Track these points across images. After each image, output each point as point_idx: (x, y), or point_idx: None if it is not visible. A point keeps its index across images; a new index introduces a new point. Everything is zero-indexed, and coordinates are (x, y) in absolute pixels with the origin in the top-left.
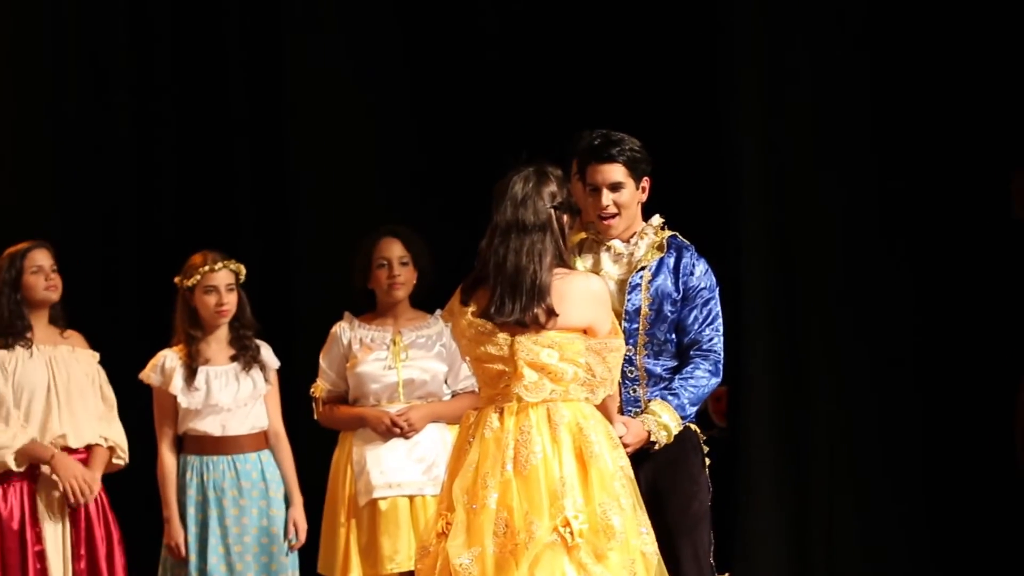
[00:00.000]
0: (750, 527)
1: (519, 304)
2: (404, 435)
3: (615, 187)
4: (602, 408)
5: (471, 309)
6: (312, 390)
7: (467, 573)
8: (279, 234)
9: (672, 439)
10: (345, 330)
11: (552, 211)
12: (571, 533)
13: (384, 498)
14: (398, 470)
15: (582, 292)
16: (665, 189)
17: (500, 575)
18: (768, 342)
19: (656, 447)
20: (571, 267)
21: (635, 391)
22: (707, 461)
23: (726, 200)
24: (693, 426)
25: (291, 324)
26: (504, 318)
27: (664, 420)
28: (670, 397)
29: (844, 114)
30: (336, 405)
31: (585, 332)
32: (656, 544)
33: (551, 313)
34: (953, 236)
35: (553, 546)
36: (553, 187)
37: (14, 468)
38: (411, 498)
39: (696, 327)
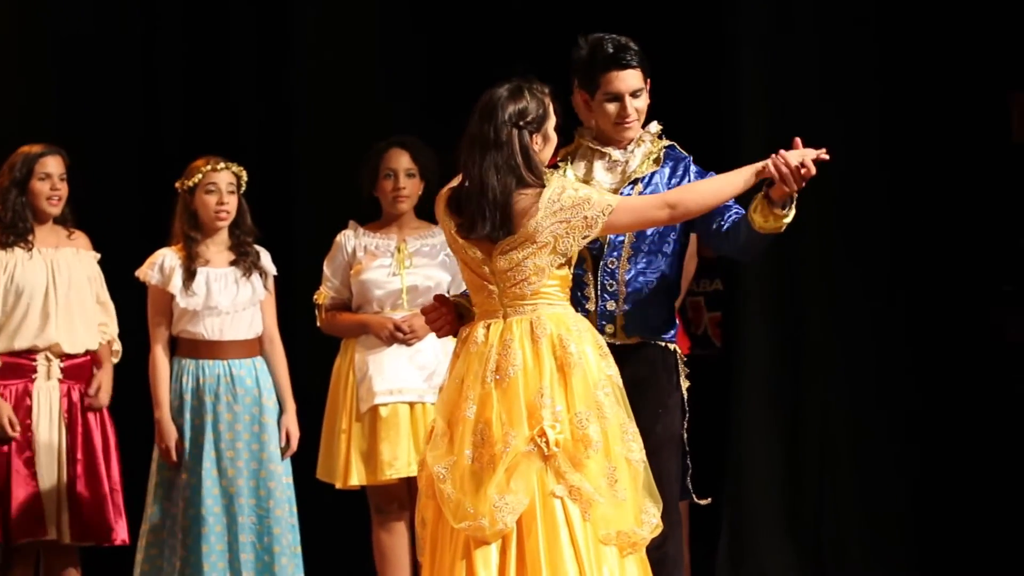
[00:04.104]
0: (744, 448)
1: (487, 224)
2: (406, 342)
3: (636, 93)
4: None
5: (455, 222)
6: (315, 297)
7: (442, 482)
8: (280, 143)
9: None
10: (350, 238)
11: (514, 130)
12: (547, 443)
13: (385, 404)
14: (399, 377)
15: (548, 206)
16: (665, 101)
17: (475, 484)
18: (763, 264)
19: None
20: (540, 184)
21: (612, 306)
22: (685, 383)
23: (724, 112)
24: (672, 346)
25: (290, 232)
26: (475, 234)
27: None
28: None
29: (847, 36)
30: (339, 312)
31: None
32: (644, 452)
33: (510, 232)
34: (952, 158)
35: (529, 455)
36: (522, 105)
37: None
38: (412, 405)
39: (723, 218)
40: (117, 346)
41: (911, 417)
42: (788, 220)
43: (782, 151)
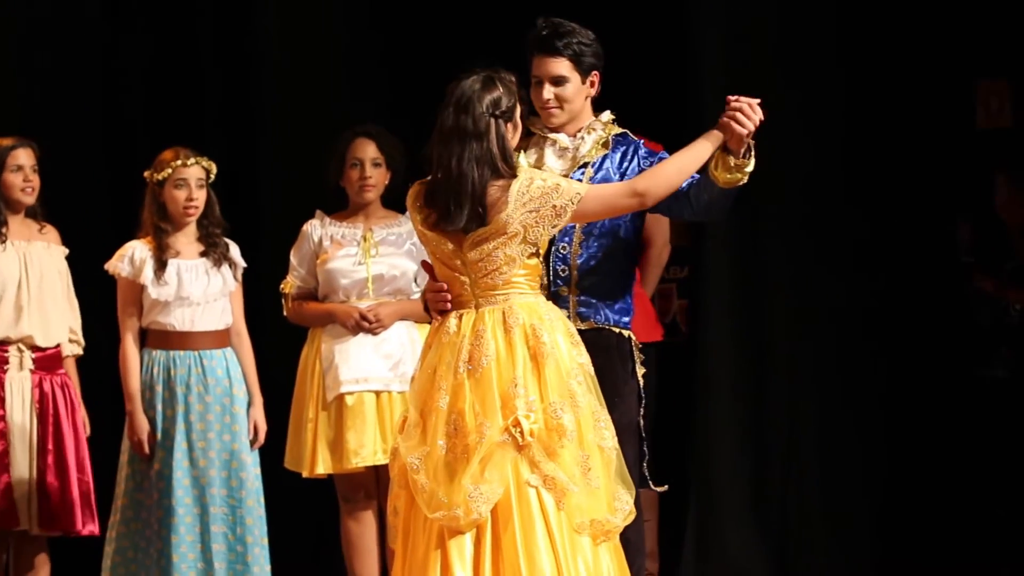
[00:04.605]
0: (709, 433)
1: (463, 214)
2: (372, 331)
3: (558, 81)
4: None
5: (421, 218)
6: (282, 287)
7: (415, 472)
8: (246, 134)
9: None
10: (316, 227)
11: (492, 120)
12: (521, 433)
13: (351, 393)
14: (365, 365)
15: (518, 198)
16: (624, 87)
17: (448, 475)
18: (728, 250)
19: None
20: (512, 175)
21: (565, 292)
22: (641, 370)
23: (687, 100)
24: (627, 332)
25: (257, 224)
26: (452, 226)
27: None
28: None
29: (810, 21)
30: (305, 301)
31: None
32: (616, 439)
33: (484, 223)
34: (917, 145)
35: (503, 445)
36: (496, 94)
37: None
38: (377, 394)
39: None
40: (80, 347)
41: (877, 402)
42: (750, 169)
43: (730, 104)
